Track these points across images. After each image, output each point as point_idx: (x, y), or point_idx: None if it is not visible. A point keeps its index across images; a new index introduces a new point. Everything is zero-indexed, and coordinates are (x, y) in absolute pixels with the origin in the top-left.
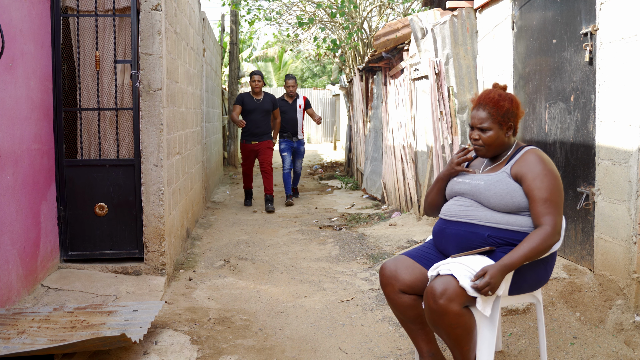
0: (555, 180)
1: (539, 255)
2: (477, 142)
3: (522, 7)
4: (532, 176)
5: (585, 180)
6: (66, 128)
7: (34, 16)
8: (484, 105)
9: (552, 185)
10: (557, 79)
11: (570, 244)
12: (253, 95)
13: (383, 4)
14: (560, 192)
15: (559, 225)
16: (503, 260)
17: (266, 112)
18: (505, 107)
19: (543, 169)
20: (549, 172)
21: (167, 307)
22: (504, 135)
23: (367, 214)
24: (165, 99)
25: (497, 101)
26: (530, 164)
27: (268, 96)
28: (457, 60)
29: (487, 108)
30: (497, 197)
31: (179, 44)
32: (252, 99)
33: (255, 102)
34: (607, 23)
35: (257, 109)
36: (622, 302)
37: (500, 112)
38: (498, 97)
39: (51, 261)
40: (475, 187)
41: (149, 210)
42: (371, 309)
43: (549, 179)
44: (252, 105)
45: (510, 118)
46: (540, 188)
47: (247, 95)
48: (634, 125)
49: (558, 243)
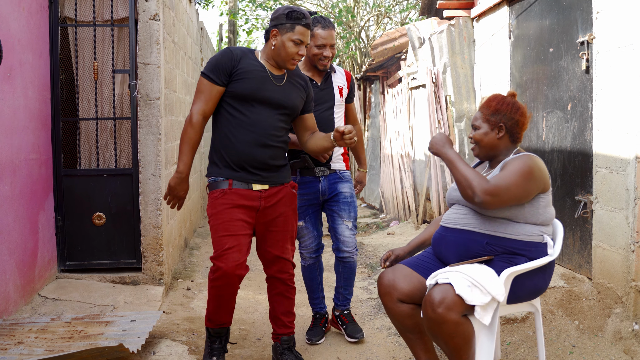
0: (526, 182)
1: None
2: (471, 140)
3: (519, 16)
4: (511, 167)
5: (583, 188)
6: (65, 138)
7: (32, 26)
8: (481, 106)
9: (520, 179)
10: (554, 88)
11: (569, 252)
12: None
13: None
14: (522, 192)
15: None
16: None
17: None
18: (494, 107)
19: (523, 168)
20: (530, 174)
21: (165, 317)
22: (495, 136)
23: (366, 223)
24: (163, 108)
25: (489, 101)
26: (514, 162)
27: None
28: (455, 69)
29: (481, 108)
30: None
31: (177, 54)
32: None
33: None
34: (604, 32)
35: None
36: (620, 310)
37: (489, 111)
38: (492, 98)
39: (49, 271)
40: None
41: (147, 220)
42: (369, 318)
43: (522, 177)
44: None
45: (501, 119)
46: (510, 170)
47: None
48: (631, 134)
49: (548, 257)
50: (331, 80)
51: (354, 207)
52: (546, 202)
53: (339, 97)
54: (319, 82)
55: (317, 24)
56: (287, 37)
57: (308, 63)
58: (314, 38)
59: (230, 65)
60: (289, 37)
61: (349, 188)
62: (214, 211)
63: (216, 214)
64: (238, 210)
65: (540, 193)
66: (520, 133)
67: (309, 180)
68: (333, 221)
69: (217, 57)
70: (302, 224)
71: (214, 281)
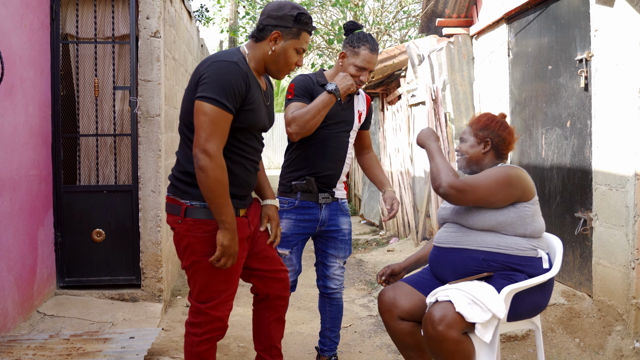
0: (498, 185)
1: (431, 172)
2: (457, 153)
3: (517, 34)
4: (487, 172)
5: (582, 205)
6: (65, 154)
7: (33, 43)
8: (469, 122)
9: (492, 182)
10: (553, 105)
11: (569, 269)
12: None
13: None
14: (492, 193)
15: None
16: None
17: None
18: (482, 121)
19: (501, 174)
20: (504, 179)
21: (164, 334)
22: (480, 150)
23: (365, 240)
24: (164, 125)
25: (479, 117)
26: (492, 169)
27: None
28: (454, 86)
29: (470, 123)
30: (474, 216)
31: (177, 71)
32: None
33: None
34: (602, 49)
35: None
36: (621, 328)
37: (477, 125)
38: (482, 115)
39: (47, 287)
40: (455, 209)
41: (146, 237)
42: (369, 336)
43: (496, 179)
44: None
45: (488, 135)
46: (484, 173)
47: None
48: (630, 151)
49: (547, 274)
50: (353, 102)
51: (350, 244)
52: (532, 212)
53: (357, 122)
54: (342, 99)
55: (365, 43)
56: (291, 44)
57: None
58: (357, 57)
59: (245, 90)
60: (293, 45)
61: (349, 224)
62: (209, 249)
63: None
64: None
65: (523, 202)
66: (506, 151)
67: (309, 205)
68: (325, 258)
69: (231, 80)
70: (287, 254)
71: (207, 334)
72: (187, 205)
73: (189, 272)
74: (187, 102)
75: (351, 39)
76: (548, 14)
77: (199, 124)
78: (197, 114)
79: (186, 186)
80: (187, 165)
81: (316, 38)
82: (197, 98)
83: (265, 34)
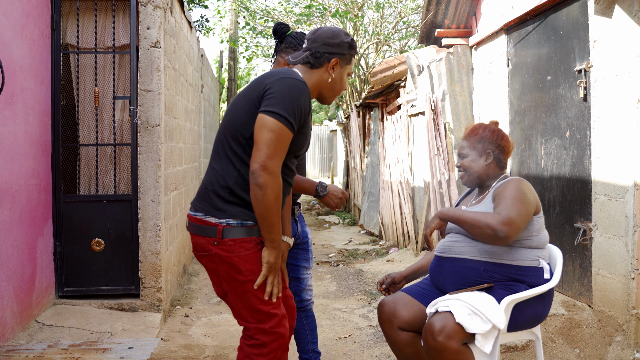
0: (526, 205)
1: (471, 225)
2: (459, 169)
3: (516, 45)
4: (506, 194)
5: (582, 215)
6: (65, 163)
7: (34, 52)
8: (465, 135)
9: (521, 208)
10: (552, 115)
11: (569, 279)
12: None
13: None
14: (526, 215)
15: (511, 221)
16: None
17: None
18: (480, 134)
19: (519, 192)
20: (524, 198)
21: (163, 344)
22: (483, 163)
23: (365, 250)
24: (164, 134)
25: (475, 129)
26: (508, 187)
27: None
28: (454, 96)
29: (467, 137)
30: None
31: (177, 81)
32: None
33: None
34: (601, 60)
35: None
36: (621, 338)
37: (476, 139)
38: (477, 127)
39: (46, 297)
40: None
41: (145, 246)
42: (369, 346)
43: (520, 202)
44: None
45: (488, 147)
46: (509, 202)
47: None
48: (629, 161)
49: (547, 285)
50: None
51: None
52: (540, 225)
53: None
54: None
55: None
56: (345, 70)
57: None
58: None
59: (307, 113)
60: (347, 70)
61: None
62: (257, 267)
63: (260, 270)
64: None
65: (533, 215)
66: (506, 159)
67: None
68: (297, 272)
69: (300, 100)
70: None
71: (273, 352)
72: (223, 225)
73: (234, 294)
74: (243, 114)
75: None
76: (547, 24)
77: (262, 140)
78: (261, 128)
79: (223, 203)
80: (229, 180)
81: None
82: (264, 112)
83: (322, 61)
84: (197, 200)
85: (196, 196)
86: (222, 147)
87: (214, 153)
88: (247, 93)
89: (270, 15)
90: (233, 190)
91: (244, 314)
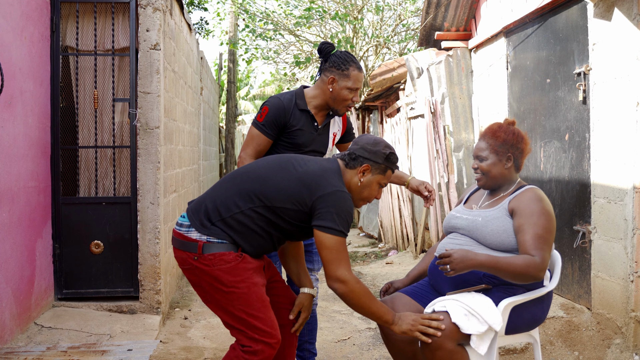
0: (551, 222)
1: (511, 275)
2: (476, 170)
3: (516, 47)
4: (529, 212)
5: (581, 218)
6: (64, 166)
7: (33, 54)
8: (484, 135)
9: (548, 225)
10: (551, 118)
11: (568, 282)
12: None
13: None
14: (553, 234)
15: (546, 263)
16: (475, 253)
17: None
18: (502, 137)
19: (542, 207)
20: (547, 212)
21: (162, 347)
22: (503, 166)
23: (364, 252)
24: (163, 137)
25: (495, 132)
26: (529, 200)
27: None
28: (453, 99)
29: (486, 138)
30: (494, 234)
31: (177, 83)
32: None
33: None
34: (600, 63)
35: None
36: (620, 341)
37: (497, 141)
38: (497, 128)
39: (45, 299)
40: (473, 222)
41: (144, 249)
42: (368, 349)
43: (545, 218)
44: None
45: (509, 150)
46: (537, 224)
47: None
48: (628, 164)
49: (545, 288)
50: (329, 125)
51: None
52: None
53: (330, 145)
54: (320, 123)
55: (351, 64)
56: (377, 178)
57: (323, 101)
58: (348, 79)
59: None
60: (378, 180)
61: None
62: (239, 278)
63: (243, 281)
64: (260, 275)
65: None
66: (523, 161)
67: None
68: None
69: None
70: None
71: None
72: (203, 241)
73: (219, 304)
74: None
75: (335, 61)
76: (546, 27)
77: (325, 257)
78: (322, 246)
79: (210, 223)
80: (226, 213)
81: (315, 51)
82: (321, 229)
83: (356, 164)
84: (188, 211)
85: (189, 207)
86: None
87: (232, 177)
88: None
89: (269, 18)
90: (226, 221)
91: (233, 325)
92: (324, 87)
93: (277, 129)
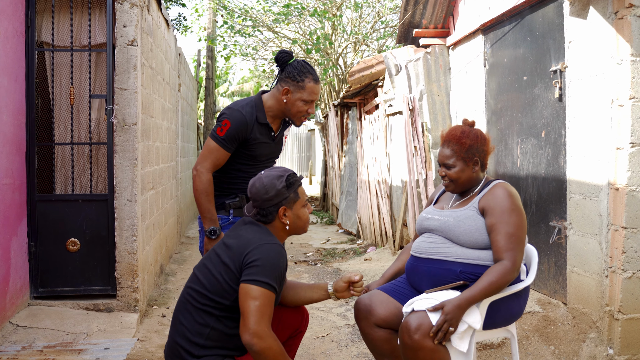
0: (522, 217)
1: (497, 290)
2: (444, 178)
3: (493, 45)
4: (500, 210)
5: (557, 214)
6: (40, 163)
7: (8, 50)
8: (448, 142)
9: (518, 222)
10: (528, 115)
11: (544, 277)
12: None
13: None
14: (524, 229)
15: (519, 262)
16: (462, 294)
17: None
18: (467, 143)
19: (511, 204)
20: (517, 208)
21: (140, 345)
22: (470, 171)
23: (343, 249)
24: (140, 133)
25: (460, 138)
26: (498, 198)
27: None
28: (431, 96)
29: (451, 145)
30: (466, 234)
31: (154, 79)
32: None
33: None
34: (576, 61)
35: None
36: (595, 335)
37: (463, 148)
38: (461, 135)
39: (20, 298)
40: (445, 223)
41: (122, 246)
42: (346, 345)
43: (516, 215)
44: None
45: (475, 154)
46: (508, 222)
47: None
48: (603, 160)
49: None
50: (282, 133)
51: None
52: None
53: (282, 148)
54: (276, 131)
55: (307, 75)
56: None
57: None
58: (302, 91)
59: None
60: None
61: None
62: None
63: None
64: None
65: None
66: (486, 160)
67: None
68: None
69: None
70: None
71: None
72: None
73: None
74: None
75: (291, 72)
76: (523, 25)
77: (248, 308)
78: (247, 296)
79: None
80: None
81: (294, 48)
82: (248, 282)
83: (272, 217)
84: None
85: (166, 350)
86: (192, 303)
87: (181, 306)
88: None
89: (248, 14)
90: (204, 345)
91: None
92: (279, 97)
93: (237, 143)
